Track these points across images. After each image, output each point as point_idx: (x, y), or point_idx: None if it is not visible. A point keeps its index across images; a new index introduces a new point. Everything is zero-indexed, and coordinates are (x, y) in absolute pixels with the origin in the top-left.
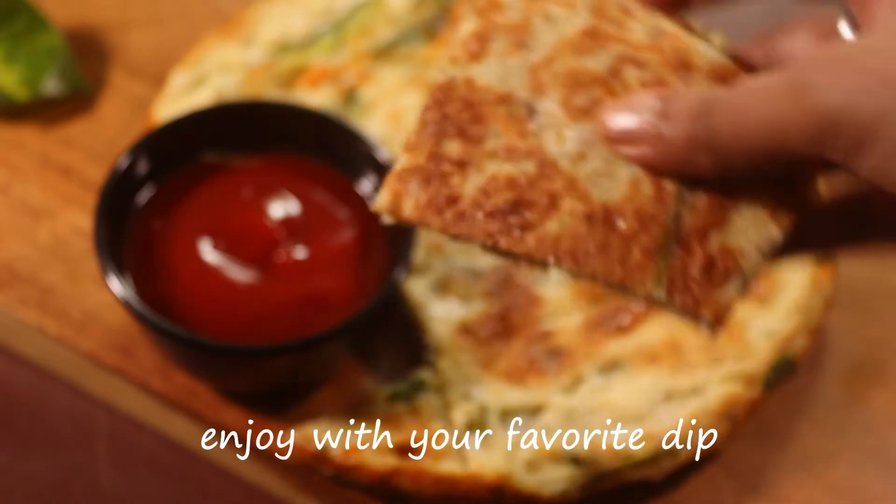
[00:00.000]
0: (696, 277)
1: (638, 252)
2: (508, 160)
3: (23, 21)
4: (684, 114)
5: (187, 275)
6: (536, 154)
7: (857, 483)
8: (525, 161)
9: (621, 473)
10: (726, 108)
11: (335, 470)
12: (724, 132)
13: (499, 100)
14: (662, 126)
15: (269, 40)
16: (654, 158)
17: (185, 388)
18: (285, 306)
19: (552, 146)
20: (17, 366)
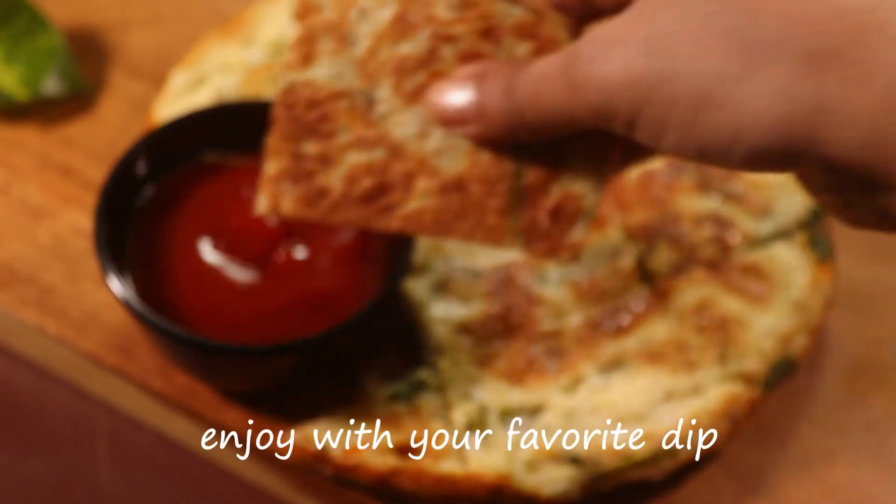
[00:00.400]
0: (547, 226)
1: (492, 214)
2: (362, 150)
3: (23, 21)
4: (498, 92)
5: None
6: (384, 140)
7: (858, 483)
8: (376, 148)
9: (621, 473)
10: (524, 88)
11: (335, 470)
12: (527, 110)
13: (338, 95)
14: (482, 106)
15: (270, 40)
16: (481, 134)
17: (185, 388)
18: (285, 306)
19: (396, 130)
20: (16, 366)
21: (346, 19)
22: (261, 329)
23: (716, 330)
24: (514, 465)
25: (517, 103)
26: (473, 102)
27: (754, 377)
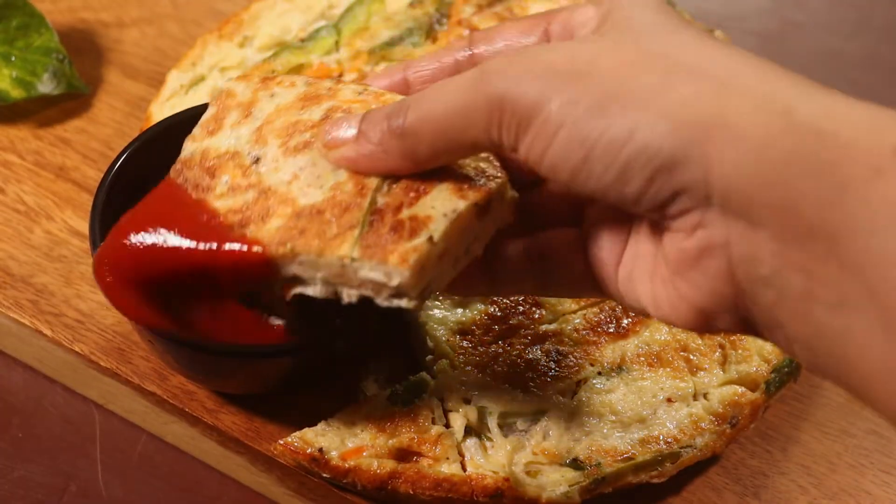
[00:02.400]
0: (385, 236)
1: (336, 228)
2: (233, 195)
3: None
4: (378, 117)
5: None
6: (257, 186)
7: (860, 486)
8: (247, 192)
9: (622, 477)
10: (418, 99)
11: (333, 473)
12: (413, 121)
13: (230, 156)
14: (362, 132)
15: (267, 39)
16: (354, 156)
17: (181, 391)
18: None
19: (271, 178)
20: (12, 368)
21: (256, 99)
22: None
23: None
24: (514, 468)
25: (401, 119)
26: (354, 129)
27: (756, 380)
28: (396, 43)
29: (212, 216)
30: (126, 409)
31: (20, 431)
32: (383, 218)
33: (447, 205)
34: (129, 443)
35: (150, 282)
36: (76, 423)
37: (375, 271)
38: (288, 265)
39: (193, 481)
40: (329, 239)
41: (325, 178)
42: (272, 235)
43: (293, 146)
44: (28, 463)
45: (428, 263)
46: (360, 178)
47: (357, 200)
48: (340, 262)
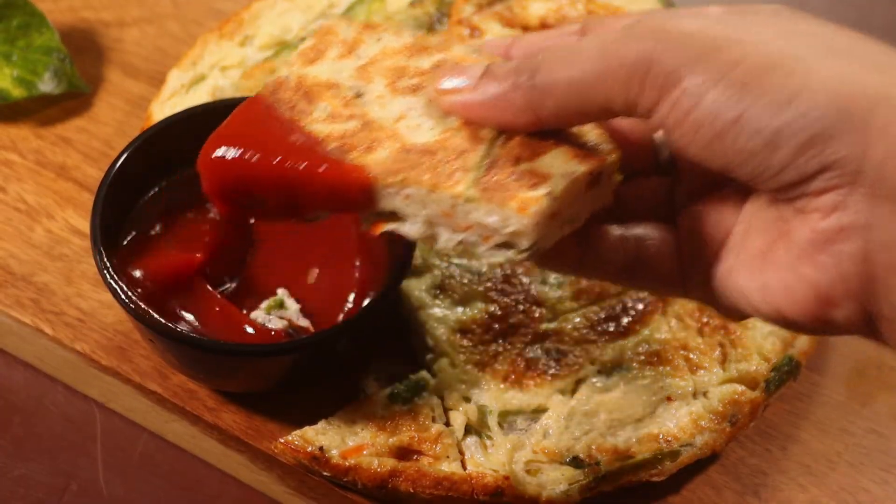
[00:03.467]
0: (503, 182)
1: (449, 168)
2: (332, 122)
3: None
4: (506, 67)
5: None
6: (360, 118)
7: (860, 484)
8: (348, 122)
9: (622, 475)
10: (553, 54)
11: (333, 471)
12: (546, 75)
13: (329, 86)
14: (485, 81)
15: (267, 39)
16: (472, 103)
17: (182, 389)
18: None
19: (376, 112)
20: (13, 367)
21: (361, 40)
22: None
23: (717, 331)
24: (513, 466)
25: (532, 74)
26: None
27: (756, 379)
28: None
29: (308, 137)
30: (127, 407)
31: (21, 430)
32: (501, 166)
33: (565, 166)
34: (130, 441)
35: (235, 195)
36: (77, 421)
37: (491, 215)
38: (391, 197)
39: (194, 480)
40: (442, 177)
41: (436, 123)
42: (379, 165)
43: (401, 87)
44: (29, 461)
45: (543, 218)
46: (472, 127)
47: (472, 146)
48: (453, 201)
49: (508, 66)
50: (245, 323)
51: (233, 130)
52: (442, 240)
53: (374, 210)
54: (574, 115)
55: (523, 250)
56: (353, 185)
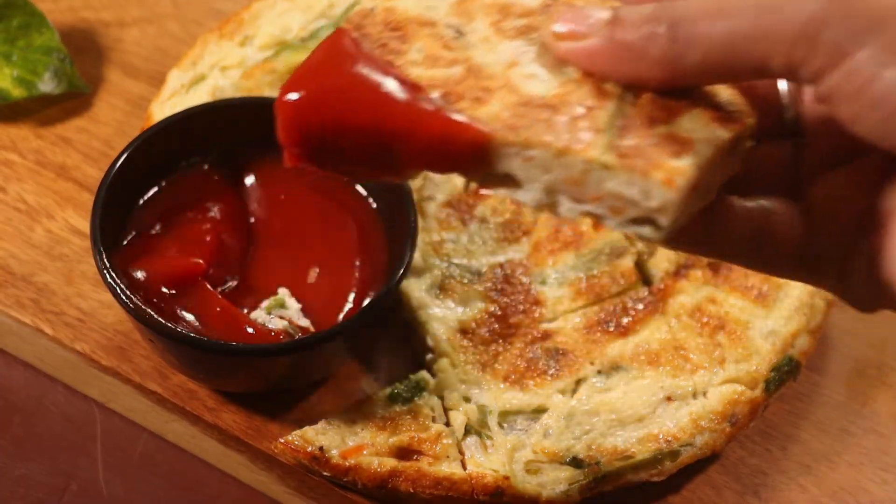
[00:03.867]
0: (645, 147)
1: (582, 126)
2: (432, 67)
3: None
4: (641, 13)
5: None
6: (464, 62)
7: (860, 484)
8: (451, 67)
9: (622, 475)
10: (701, 5)
11: (333, 471)
12: (692, 25)
13: (423, 23)
14: (613, 28)
15: (267, 39)
16: (598, 51)
17: (182, 389)
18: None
19: (482, 57)
20: (13, 367)
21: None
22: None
23: (716, 331)
24: (513, 466)
25: (673, 23)
26: (602, 23)
27: (755, 379)
28: None
29: (406, 81)
30: (127, 407)
31: (21, 430)
32: (636, 128)
33: (706, 131)
34: (130, 441)
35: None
36: (77, 421)
37: (631, 186)
38: (510, 158)
39: (194, 480)
40: (576, 137)
41: (552, 72)
42: (493, 119)
43: (508, 28)
44: (29, 461)
45: (686, 192)
46: (595, 80)
47: (598, 102)
48: (585, 167)
49: (642, 11)
50: (245, 323)
51: (318, 67)
52: (563, 209)
53: (486, 171)
54: (721, 73)
55: (663, 227)
56: (464, 142)
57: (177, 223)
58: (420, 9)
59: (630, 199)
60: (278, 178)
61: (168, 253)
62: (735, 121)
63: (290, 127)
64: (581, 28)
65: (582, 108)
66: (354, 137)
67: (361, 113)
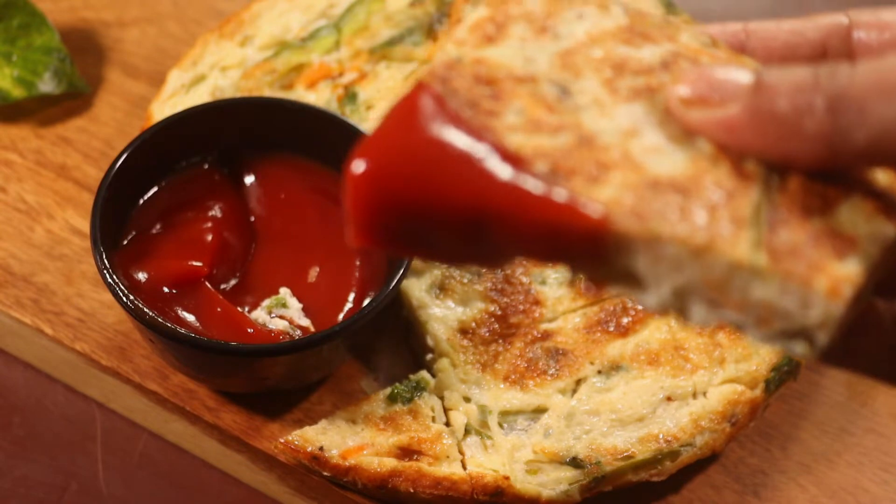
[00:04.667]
0: (802, 245)
1: (723, 216)
2: (535, 133)
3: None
4: (791, 84)
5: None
6: (573, 129)
7: (859, 484)
8: (558, 134)
9: (622, 475)
10: (870, 74)
11: (333, 471)
12: (858, 105)
13: (521, 80)
14: (760, 96)
15: (267, 39)
16: (743, 122)
17: (182, 389)
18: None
19: (593, 123)
20: (12, 367)
21: (557, 15)
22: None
23: (716, 331)
24: (513, 466)
25: (835, 97)
26: (741, 90)
27: (756, 379)
28: (397, 42)
29: (504, 151)
30: (127, 407)
31: (21, 430)
32: (789, 220)
33: (872, 225)
34: (130, 441)
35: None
36: (77, 421)
37: (785, 294)
38: (634, 252)
39: (194, 480)
40: (717, 234)
41: (680, 145)
42: (613, 203)
43: (624, 88)
44: (29, 461)
45: (852, 303)
46: (731, 157)
47: (739, 186)
48: (730, 269)
49: (794, 76)
50: (246, 323)
51: (396, 130)
52: (695, 315)
53: (602, 264)
54: (891, 159)
55: (821, 343)
56: (577, 231)
57: (177, 223)
58: (518, 60)
59: (783, 309)
60: (278, 177)
61: (168, 253)
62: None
63: (361, 203)
64: (715, 93)
65: (721, 193)
66: (441, 219)
67: (451, 190)
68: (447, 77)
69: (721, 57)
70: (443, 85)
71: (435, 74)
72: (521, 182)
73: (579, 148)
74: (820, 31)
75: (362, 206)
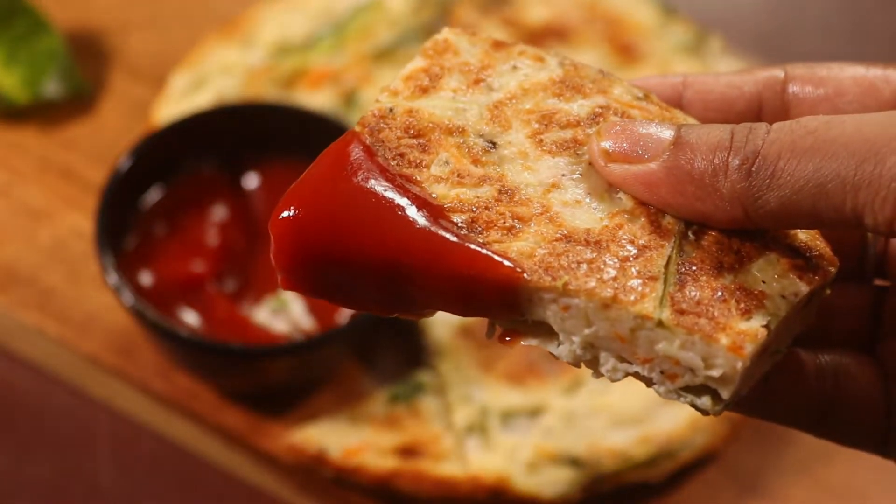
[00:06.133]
0: (709, 302)
1: (633, 272)
2: (458, 185)
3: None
4: (708, 143)
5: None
6: (495, 181)
7: (855, 483)
8: (480, 186)
9: (621, 475)
10: (785, 137)
11: (335, 471)
12: (771, 169)
13: (450, 131)
14: (678, 153)
15: (270, 42)
16: (660, 179)
17: (185, 390)
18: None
19: (516, 176)
20: (18, 368)
21: (493, 67)
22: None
23: None
24: (514, 466)
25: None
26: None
27: None
28: (397, 47)
29: (426, 203)
30: (131, 407)
31: (26, 430)
32: (698, 277)
33: (783, 284)
34: (134, 441)
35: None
36: (81, 421)
37: (690, 351)
38: (545, 306)
39: (197, 479)
40: (624, 287)
41: (600, 199)
42: (526, 256)
43: (550, 141)
44: (34, 461)
45: (755, 359)
46: (650, 211)
47: (654, 241)
48: (636, 324)
49: (711, 135)
50: (248, 324)
51: (321, 179)
52: (605, 368)
53: (514, 317)
54: (803, 219)
55: (724, 400)
56: (490, 283)
57: (180, 225)
58: (448, 112)
59: (687, 364)
60: (281, 179)
61: (172, 255)
62: (815, 269)
63: (283, 249)
64: (637, 149)
65: (634, 249)
66: (359, 268)
67: (369, 240)
68: (377, 127)
69: (651, 111)
70: (371, 136)
71: (366, 124)
72: (438, 232)
73: (500, 200)
74: (757, 85)
75: (285, 254)
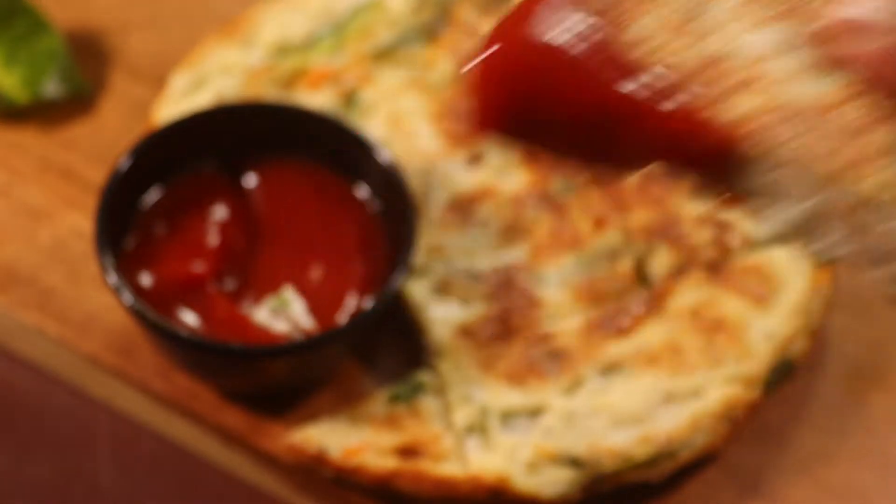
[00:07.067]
0: None
1: (861, 146)
2: (660, 49)
3: (23, 23)
4: None
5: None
6: (703, 48)
7: (857, 484)
8: (687, 52)
9: (621, 475)
10: None
11: (335, 472)
12: None
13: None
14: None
15: (270, 42)
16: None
17: (185, 390)
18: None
19: (728, 44)
20: (17, 368)
21: None
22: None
23: (714, 332)
24: (514, 466)
25: None
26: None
27: (753, 379)
28: (398, 47)
29: (638, 61)
30: (131, 407)
31: (25, 430)
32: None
33: None
34: (134, 441)
35: (521, 115)
36: (81, 422)
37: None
38: (768, 171)
39: (197, 479)
40: (848, 157)
41: (819, 73)
42: (749, 119)
43: (765, 10)
44: (33, 461)
45: None
46: (876, 90)
47: (883, 118)
48: (862, 198)
49: None
50: (249, 324)
51: (530, 21)
52: (826, 241)
53: (731, 179)
54: None
55: None
56: (711, 142)
57: (181, 225)
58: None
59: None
60: (281, 180)
61: (172, 255)
62: None
63: (492, 82)
64: (860, 21)
65: (861, 123)
66: (570, 113)
67: (584, 87)
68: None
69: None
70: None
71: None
72: (659, 91)
73: (712, 66)
74: None
75: (493, 87)
